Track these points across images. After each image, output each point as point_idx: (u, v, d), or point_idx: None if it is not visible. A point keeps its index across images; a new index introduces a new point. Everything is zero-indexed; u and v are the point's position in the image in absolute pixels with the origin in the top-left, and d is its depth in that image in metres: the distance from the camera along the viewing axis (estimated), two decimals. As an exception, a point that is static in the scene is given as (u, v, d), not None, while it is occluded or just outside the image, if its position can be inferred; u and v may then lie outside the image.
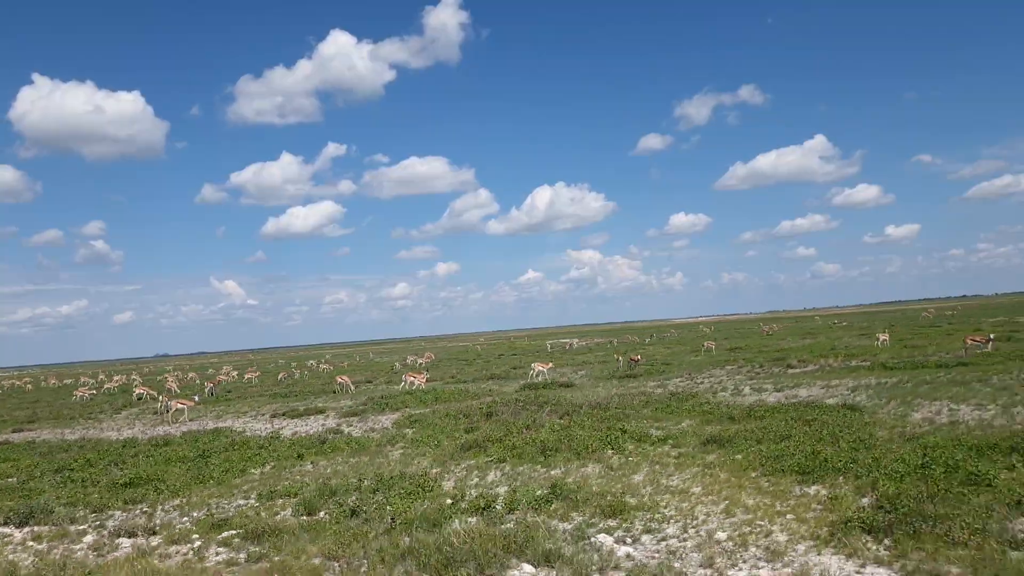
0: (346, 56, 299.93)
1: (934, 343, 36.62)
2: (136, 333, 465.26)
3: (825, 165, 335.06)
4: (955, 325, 55.18)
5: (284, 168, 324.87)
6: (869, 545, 8.07)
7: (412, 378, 34.69)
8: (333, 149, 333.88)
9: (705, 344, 47.47)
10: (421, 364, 56.79)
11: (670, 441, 14.83)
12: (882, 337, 38.55)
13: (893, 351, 33.21)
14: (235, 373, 62.58)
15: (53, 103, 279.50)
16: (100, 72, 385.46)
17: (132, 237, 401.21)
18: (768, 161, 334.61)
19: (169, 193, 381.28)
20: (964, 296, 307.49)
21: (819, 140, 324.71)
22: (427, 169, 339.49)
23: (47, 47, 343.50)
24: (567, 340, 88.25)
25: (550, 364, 37.53)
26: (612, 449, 14.29)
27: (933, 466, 10.20)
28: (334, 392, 34.64)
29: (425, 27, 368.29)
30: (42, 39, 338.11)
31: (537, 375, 34.98)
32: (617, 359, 39.61)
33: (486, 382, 35.17)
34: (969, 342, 28.85)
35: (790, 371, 29.66)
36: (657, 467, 12.69)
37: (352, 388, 35.48)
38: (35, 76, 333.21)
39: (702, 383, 26.22)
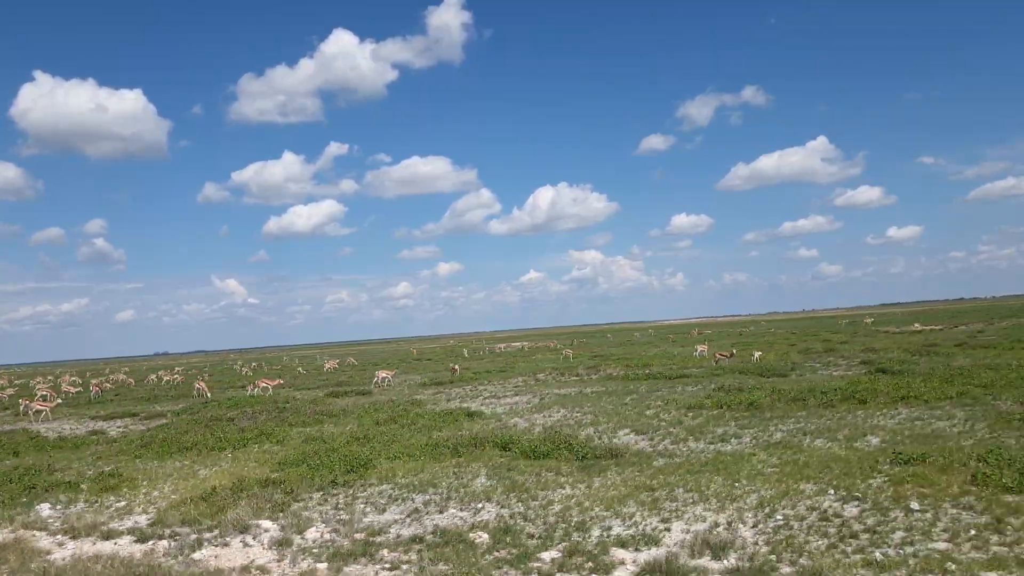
0: (349, 56, 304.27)
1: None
2: (137, 331, 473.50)
3: (828, 166, 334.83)
4: (789, 336, 58.79)
5: (286, 167, 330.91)
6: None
7: (265, 384, 39.08)
8: (335, 148, 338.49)
9: (565, 352, 51.10)
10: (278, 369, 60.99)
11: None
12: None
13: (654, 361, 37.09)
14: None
15: (55, 101, 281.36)
16: (102, 70, 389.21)
17: (134, 235, 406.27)
18: (770, 162, 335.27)
19: (171, 192, 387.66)
20: (961, 299, 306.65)
21: (821, 141, 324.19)
22: (429, 169, 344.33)
23: (48, 44, 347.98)
24: (504, 343, 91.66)
25: (394, 371, 41.56)
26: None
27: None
28: (194, 396, 38.86)
29: (428, 27, 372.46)
30: (43, 36, 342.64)
31: (382, 381, 39.22)
32: (453, 368, 43.20)
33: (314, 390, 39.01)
34: (718, 356, 32.74)
35: (572, 378, 33.64)
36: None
37: (208, 395, 39.51)
38: (37, 73, 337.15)
39: (473, 394, 30.17)
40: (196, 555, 10.16)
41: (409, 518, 11.41)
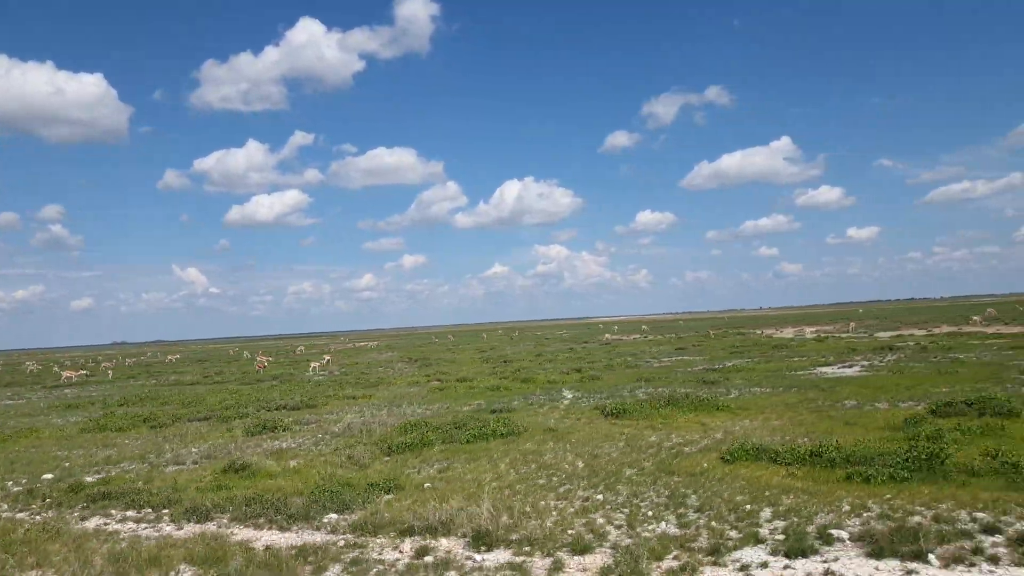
0: (315, 44, 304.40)
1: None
2: (94, 320, 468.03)
3: (789, 166, 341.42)
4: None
5: (249, 155, 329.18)
6: None
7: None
8: (300, 138, 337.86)
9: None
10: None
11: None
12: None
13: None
14: None
15: (11, 82, 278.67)
16: (61, 53, 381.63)
17: (92, 222, 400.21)
18: (733, 161, 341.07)
19: (131, 178, 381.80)
20: (912, 299, 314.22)
21: (784, 141, 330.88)
22: (395, 160, 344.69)
23: (4, 24, 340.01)
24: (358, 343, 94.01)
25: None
26: None
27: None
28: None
29: (395, 17, 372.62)
30: None
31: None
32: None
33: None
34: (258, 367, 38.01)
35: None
36: None
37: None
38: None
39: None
40: None
41: None
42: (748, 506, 9.42)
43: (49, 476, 14.04)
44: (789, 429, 14.82)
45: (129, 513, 10.96)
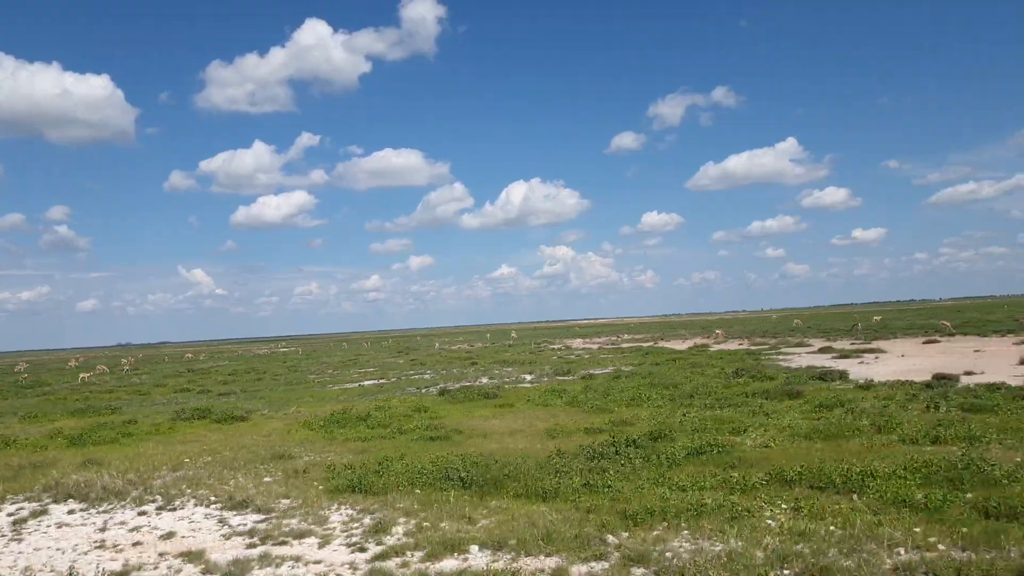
0: (322, 46, 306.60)
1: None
2: (99, 321, 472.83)
3: (796, 167, 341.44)
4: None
5: (256, 157, 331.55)
6: None
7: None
8: (307, 139, 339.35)
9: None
10: None
11: None
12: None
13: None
14: None
15: (18, 84, 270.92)
16: (67, 54, 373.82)
17: (99, 223, 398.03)
18: (740, 162, 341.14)
19: (138, 180, 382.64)
20: (912, 300, 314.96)
21: (790, 142, 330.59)
22: (402, 161, 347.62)
23: (11, 25, 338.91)
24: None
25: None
26: None
27: None
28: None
29: (402, 20, 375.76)
30: (5, 17, 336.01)
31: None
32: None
33: None
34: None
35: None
36: None
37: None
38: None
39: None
40: None
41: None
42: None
43: None
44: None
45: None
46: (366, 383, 34.14)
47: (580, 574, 7.40)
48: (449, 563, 7.94)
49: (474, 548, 8.29)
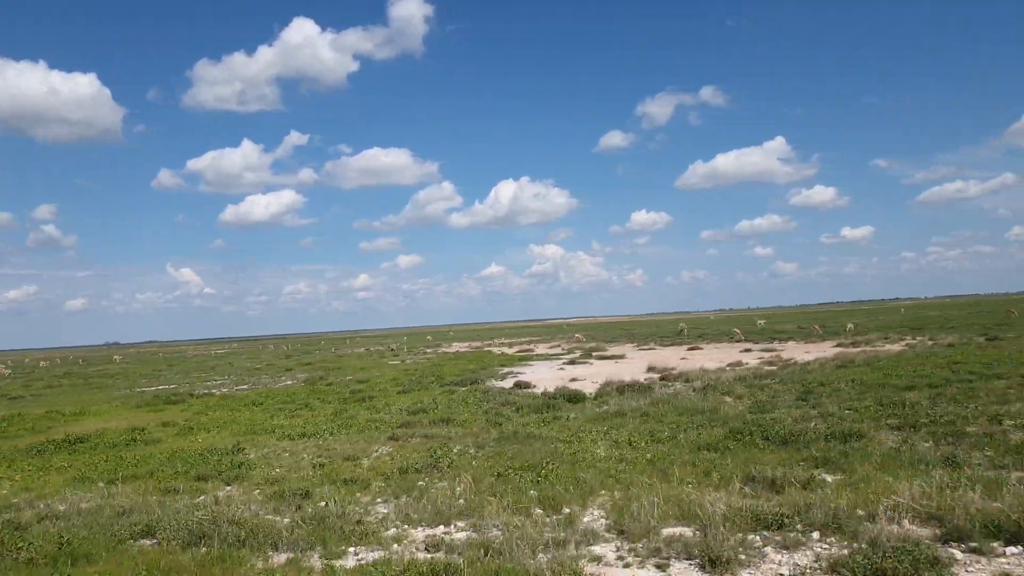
0: (309, 44, 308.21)
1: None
2: (88, 320, 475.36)
3: (784, 166, 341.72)
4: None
5: (244, 155, 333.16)
6: None
7: None
8: (295, 138, 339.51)
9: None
10: None
11: None
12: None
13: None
14: None
15: (4, 82, 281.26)
16: (54, 52, 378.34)
17: (86, 222, 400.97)
18: (728, 161, 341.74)
19: (125, 178, 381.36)
20: (897, 298, 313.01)
21: (779, 141, 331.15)
22: (390, 160, 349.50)
23: None
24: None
25: None
26: None
27: None
28: None
29: (389, 18, 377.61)
30: None
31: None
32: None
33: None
34: None
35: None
36: None
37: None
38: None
39: None
40: None
41: None
42: None
43: None
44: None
45: None
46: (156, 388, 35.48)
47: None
48: None
49: None
